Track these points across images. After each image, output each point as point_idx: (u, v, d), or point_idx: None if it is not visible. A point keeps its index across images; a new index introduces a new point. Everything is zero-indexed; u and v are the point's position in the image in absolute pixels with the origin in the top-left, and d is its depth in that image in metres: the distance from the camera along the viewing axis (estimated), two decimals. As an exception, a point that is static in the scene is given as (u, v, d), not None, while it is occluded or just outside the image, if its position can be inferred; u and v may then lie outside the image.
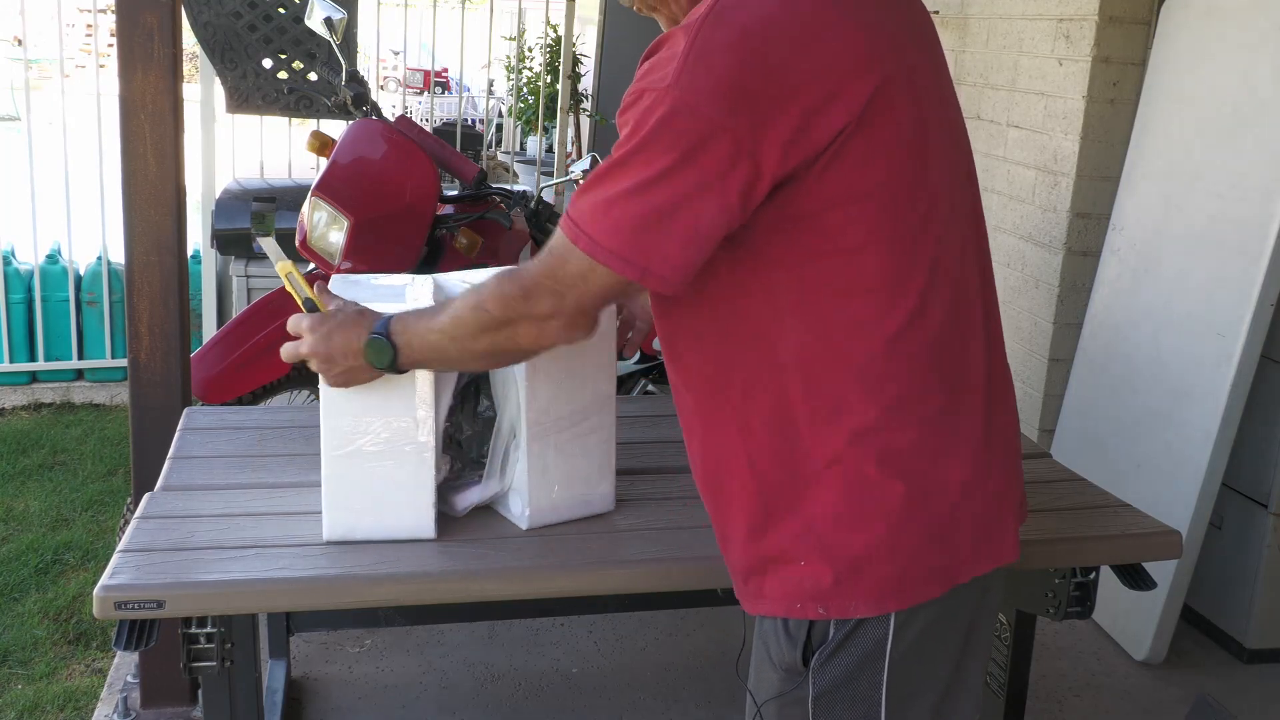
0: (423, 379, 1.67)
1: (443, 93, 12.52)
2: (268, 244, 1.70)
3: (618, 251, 1.25)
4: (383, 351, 1.50)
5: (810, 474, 1.33)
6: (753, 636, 1.47)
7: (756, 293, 1.32)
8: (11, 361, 4.82)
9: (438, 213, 3.16)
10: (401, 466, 1.70)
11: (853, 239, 1.28)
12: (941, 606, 1.35)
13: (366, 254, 2.94)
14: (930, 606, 1.34)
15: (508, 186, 3.57)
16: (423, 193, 3.08)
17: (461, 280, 1.97)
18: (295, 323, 1.62)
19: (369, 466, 1.71)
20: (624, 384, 3.43)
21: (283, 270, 1.69)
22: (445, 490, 1.81)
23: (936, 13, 4.24)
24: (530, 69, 8.16)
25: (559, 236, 1.31)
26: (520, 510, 1.81)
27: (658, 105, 1.22)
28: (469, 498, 1.82)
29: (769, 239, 1.29)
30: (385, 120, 3.24)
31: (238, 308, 4.72)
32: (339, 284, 1.89)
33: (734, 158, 1.22)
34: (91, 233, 4.95)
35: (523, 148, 8.62)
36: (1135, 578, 1.98)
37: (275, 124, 5.43)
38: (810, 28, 1.24)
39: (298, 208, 3.16)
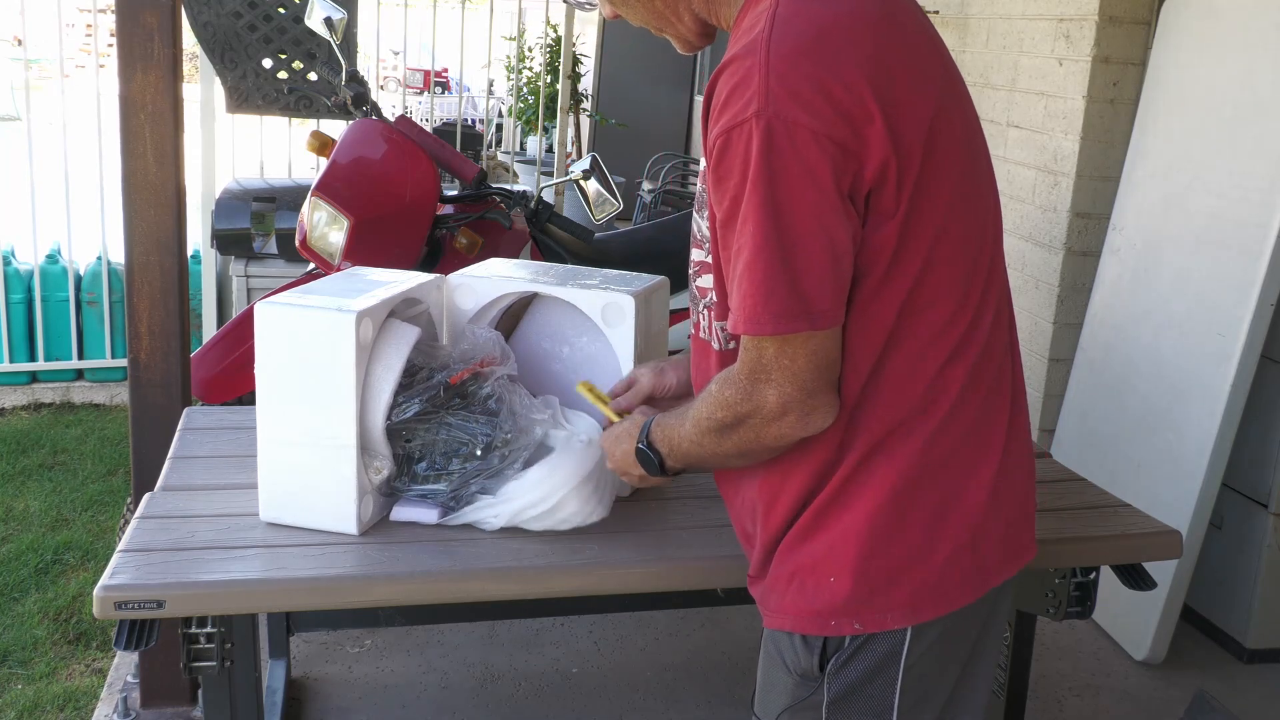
0: (348, 377, 1.67)
1: (443, 93, 12.52)
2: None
3: (782, 313, 1.21)
4: (649, 461, 1.51)
5: (849, 486, 1.33)
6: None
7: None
8: (11, 361, 4.82)
9: (438, 213, 3.17)
10: (325, 461, 1.71)
11: (929, 256, 1.28)
12: (960, 609, 1.35)
13: (366, 254, 2.94)
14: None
15: (508, 186, 3.57)
16: (423, 193, 3.08)
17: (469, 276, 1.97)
18: (602, 440, 1.69)
19: (297, 456, 1.72)
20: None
21: (582, 388, 1.81)
22: (389, 493, 1.80)
23: (936, 12, 4.24)
24: (530, 69, 8.16)
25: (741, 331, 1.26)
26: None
27: (753, 136, 1.19)
28: (416, 515, 1.80)
29: (863, 273, 1.27)
30: (385, 120, 3.24)
31: (238, 308, 4.72)
32: (340, 278, 1.89)
33: (840, 159, 1.19)
34: (91, 233, 4.95)
35: (523, 148, 8.62)
36: (1135, 578, 1.98)
37: (275, 124, 5.43)
38: (875, 30, 1.24)
39: (298, 208, 3.17)
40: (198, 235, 4.74)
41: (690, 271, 1.46)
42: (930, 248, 1.28)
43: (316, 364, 1.68)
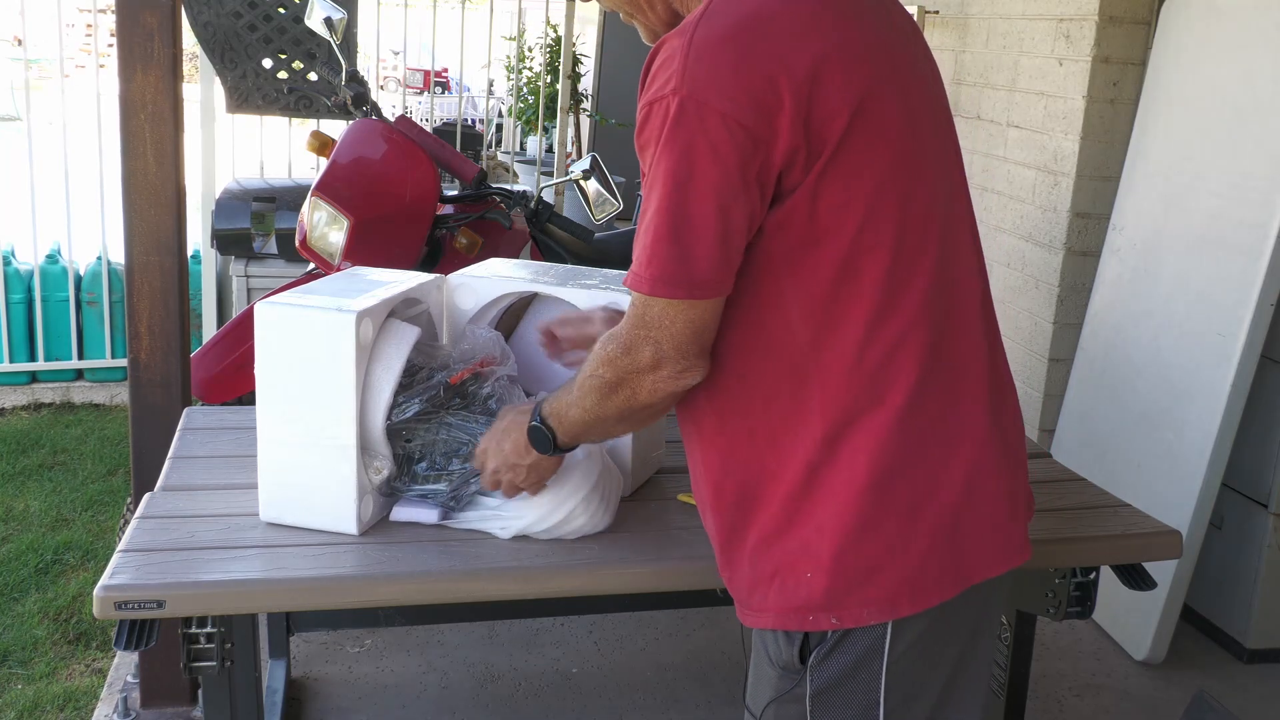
0: (348, 377, 1.67)
1: (443, 93, 12.51)
2: None
3: (662, 278, 1.28)
4: (542, 438, 1.54)
5: (818, 480, 1.33)
6: (752, 646, 1.46)
7: (770, 300, 1.33)
8: (11, 361, 4.82)
9: (438, 213, 3.17)
10: (325, 461, 1.71)
11: (857, 238, 1.29)
12: (945, 607, 1.34)
13: (366, 254, 2.94)
14: (934, 607, 1.33)
15: (508, 186, 3.57)
16: (423, 193, 3.08)
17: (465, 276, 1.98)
18: (479, 450, 1.69)
19: (297, 456, 1.72)
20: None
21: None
22: (389, 492, 1.79)
23: (936, 12, 4.24)
24: (530, 69, 8.15)
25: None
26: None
27: (668, 110, 1.24)
28: (416, 515, 1.80)
29: (779, 244, 1.30)
30: (385, 120, 3.24)
31: (238, 308, 4.72)
32: (340, 278, 1.89)
33: (748, 145, 1.24)
34: (91, 233, 4.95)
35: (523, 148, 8.61)
36: (1135, 578, 1.98)
37: (275, 124, 5.43)
38: (806, 20, 1.27)
39: (298, 208, 3.16)
40: (198, 235, 4.74)
41: None
42: (856, 232, 1.29)
43: (316, 364, 1.68)
